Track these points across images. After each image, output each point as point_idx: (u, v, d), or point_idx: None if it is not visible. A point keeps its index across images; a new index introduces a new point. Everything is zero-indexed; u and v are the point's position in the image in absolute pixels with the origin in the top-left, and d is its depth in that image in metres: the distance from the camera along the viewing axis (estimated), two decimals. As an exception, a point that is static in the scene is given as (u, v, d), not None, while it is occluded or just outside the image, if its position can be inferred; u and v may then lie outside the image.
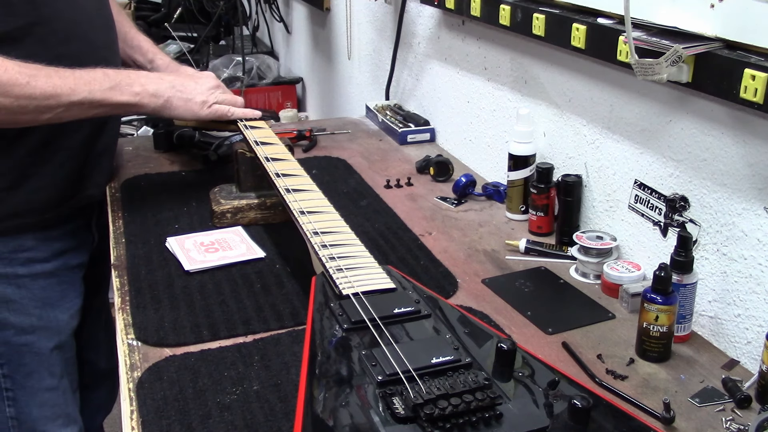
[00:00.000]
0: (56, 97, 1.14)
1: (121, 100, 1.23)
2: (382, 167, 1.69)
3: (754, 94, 0.89)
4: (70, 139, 1.29)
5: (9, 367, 1.31)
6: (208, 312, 1.08)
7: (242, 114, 1.41)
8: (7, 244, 1.27)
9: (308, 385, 0.73)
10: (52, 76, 1.15)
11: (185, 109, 1.32)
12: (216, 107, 1.36)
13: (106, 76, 1.21)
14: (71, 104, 1.17)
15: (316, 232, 1.04)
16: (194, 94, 1.33)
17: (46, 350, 1.32)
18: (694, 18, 0.99)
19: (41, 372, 1.33)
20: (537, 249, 1.28)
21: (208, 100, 1.34)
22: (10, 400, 1.32)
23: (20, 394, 1.32)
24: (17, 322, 1.29)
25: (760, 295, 0.98)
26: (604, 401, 0.75)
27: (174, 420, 0.86)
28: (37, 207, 1.29)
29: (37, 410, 1.34)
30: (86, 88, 1.18)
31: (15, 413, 1.33)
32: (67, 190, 1.32)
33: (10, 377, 1.31)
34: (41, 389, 1.34)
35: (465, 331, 0.85)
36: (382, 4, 2.09)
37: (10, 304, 1.29)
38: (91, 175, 1.38)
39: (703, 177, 1.06)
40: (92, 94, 1.18)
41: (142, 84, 1.26)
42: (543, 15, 1.28)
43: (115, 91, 1.21)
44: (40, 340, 1.32)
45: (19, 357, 1.31)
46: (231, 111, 1.38)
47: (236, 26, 3.38)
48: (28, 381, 1.32)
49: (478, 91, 1.65)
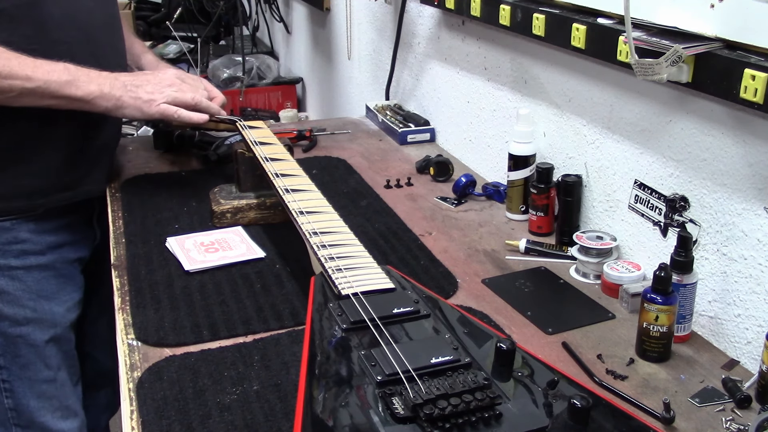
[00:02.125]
0: (9, 79, 1.16)
1: (75, 95, 1.22)
2: (382, 167, 1.69)
3: (754, 94, 0.89)
4: (59, 129, 1.30)
5: (5, 359, 1.33)
6: (208, 312, 1.08)
7: (187, 117, 1.34)
8: (1, 236, 1.29)
9: (308, 385, 0.73)
10: (12, 59, 1.17)
11: (134, 108, 1.29)
12: (163, 107, 1.31)
13: (66, 70, 1.22)
14: (24, 90, 1.18)
15: (314, 232, 1.04)
16: (143, 93, 1.30)
17: (41, 342, 1.34)
18: (694, 18, 0.99)
19: (37, 364, 1.34)
20: (537, 249, 1.28)
21: (155, 99, 1.30)
22: (8, 391, 1.34)
23: (17, 385, 1.34)
24: (11, 314, 1.31)
25: (760, 295, 0.98)
26: (604, 401, 0.75)
27: (174, 420, 0.86)
28: (25, 192, 1.30)
29: (35, 401, 1.35)
30: (43, 77, 1.19)
31: (13, 404, 1.35)
32: (59, 180, 1.33)
33: (7, 368, 1.33)
34: (38, 381, 1.35)
35: (464, 331, 0.85)
36: (382, 4, 2.09)
37: (3, 296, 1.31)
38: (90, 170, 1.38)
39: (703, 177, 1.06)
40: (48, 84, 1.19)
41: (98, 84, 1.25)
42: (543, 15, 1.28)
43: (71, 86, 1.22)
44: (34, 332, 1.33)
45: (15, 348, 1.33)
46: (178, 113, 1.33)
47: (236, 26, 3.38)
48: (24, 372, 1.34)
49: (478, 91, 1.65)
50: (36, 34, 1.22)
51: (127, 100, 1.28)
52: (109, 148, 1.45)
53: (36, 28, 1.22)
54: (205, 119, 1.38)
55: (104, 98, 1.25)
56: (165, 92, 1.33)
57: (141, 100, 1.30)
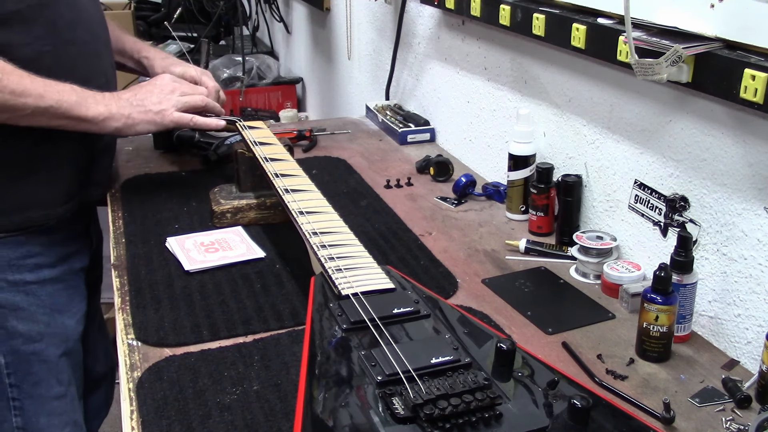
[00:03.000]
0: (23, 98, 1.14)
1: (87, 116, 1.22)
2: (382, 167, 1.69)
3: (754, 94, 0.89)
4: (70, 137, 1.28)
5: (16, 377, 1.28)
6: (208, 312, 1.08)
7: (204, 124, 1.35)
8: (16, 250, 1.26)
9: (308, 385, 0.73)
10: (24, 78, 1.15)
11: (147, 122, 1.29)
12: (176, 116, 1.31)
13: (73, 91, 1.21)
14: (37, 108, 1.16)
15: (314, 233, 1.04)
16: (150, 104, 1.30)
17: (54, 357, 1.30)
18: (694, 18, 0.99)
19: (49, 380, 1.30)
20: (537, 249, 1.28)
21: (165, 108, 1.30)
22: (17, 410, 1.30)
23: (28, 404, 1.30)
24: (25, 331, 1.27)
25: (760, 295, 0.98)
26: (604, 401, 0.75)
27: (174, 420, 0.86)
28: (41, 203, 1.28)
29: (45, 419, 1.31)
30: (55, 96, 1.18)
31: (22, 423, 1.30)
32: (71, 186, 1.32)
33: (18, 387, 1.29)
34: (49, 398, 1.31)
35: (464, 331, 0.85)
36: (382, 4, 2.09)
37: (18, 312, 1.27)
38: (93, 175, 1.38)
39: (703, 177, 1.06)
40: (59, 103, 1.18)
41: (105, 104, 1.24)
42: (543, 15, 1.28)
43: (81, 107, 1.21)
44: (48, 348, 1.30)
45: (28, 366, 1.29)
46: (193, 120, 1.34)
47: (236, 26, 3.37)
48: (36, 390, 1.30)
49: (478, 91, 1.65)
50: (48, 35, 1.21)
51: (137, 116, 1.28)
52: (110, 151, 1.45)
53: (48, 28, 1.21)
54: (221, 125, 1.38)
55: (113, 119, 1.25)
56: (172, 99, 1.32)
57: (152, 113, 1.29)
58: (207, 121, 1.36)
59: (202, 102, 1.36)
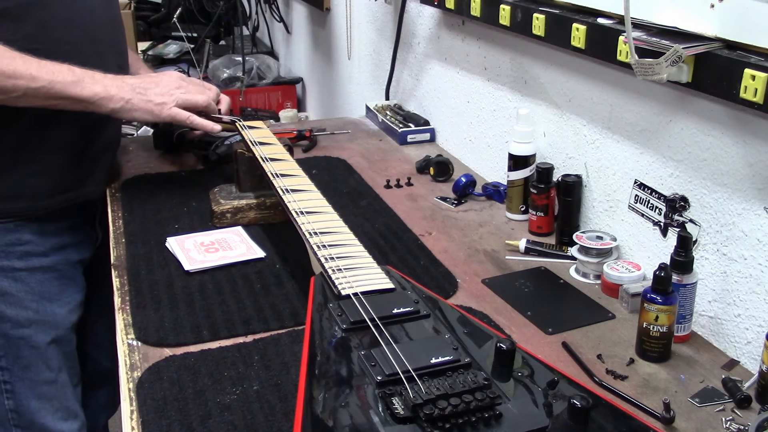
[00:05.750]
0: (13, 79, 1.15)
1: (81, 95, 1.22)
2: (382, 167, 1.69)
3: (754, 94, 0.89)
4: (61, 130, 1.30)
5: (6, 360, 1.32)
6: (208, 312, 1.08)
7: (200, 125, 1.35)
8: (4, 237, 1.29)
9: (308, 385, 0.73)
10: (16, 59, 1.16)
11: (145, 110, 1.29)
12: (175, 111, 1.32)
13: (70, 71, 1.21)
14: (29, 90, 1.17)
15: (314, 233, 1.04)
16: (153, 95, 1.30)
17: (42, 344, 1.34)
18: (694, 18, 0.99)
19: (38, 365, 1.34)
20: (537, 249, 1.28)
21: (166, 102, 1.31)
22: (9, 393, 1.34)
23: (18, 387, 1.34)
24: (13, 315, 1.31)
25: (760, 295, 0.98)
26: (604, 401, 0.75)
27: (174, 420, 0.86)
28: (28, 193, 1.30)
29: (36, 402, 1.35)
30: (48, 77, 1.18)
31: (14, 405, 1.35)
32: (61, 181, 1.33)
33: (8, 369, 1.33)
34: (39, 382, 1.35)
35: (464, 331, 0.85)
36: (382, 4, 2.09)
37: (6, 297, 1.30)
38: (91, 172, 1.38)
39: (703, 177, 1.06)
40: (52, 84, 1.18)
41: (104, 85, 1.25)
42: (543, 15, 1.28)
43: (76, 86, 1.21)
44: (36, 334, 1.33)
45: (17, 350, 1.32)
46: (190, 119, 1.34)
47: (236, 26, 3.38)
48: (25, 373, 1.34)
49: (478, 91, 1.65)
50: (38, 34, 1.22)
51: (137, 102, 1.28)
52: (110, 150, 1.46)
53: (38, 27, 1.22)
54: (218, 129, 1.38)
55: (111, 100, 1.25)
56: (175, 95, 1.33)
57: (152, 103, 1.30)
58: (204, 123, 1.36)
59: (204, 102, 1.36)
